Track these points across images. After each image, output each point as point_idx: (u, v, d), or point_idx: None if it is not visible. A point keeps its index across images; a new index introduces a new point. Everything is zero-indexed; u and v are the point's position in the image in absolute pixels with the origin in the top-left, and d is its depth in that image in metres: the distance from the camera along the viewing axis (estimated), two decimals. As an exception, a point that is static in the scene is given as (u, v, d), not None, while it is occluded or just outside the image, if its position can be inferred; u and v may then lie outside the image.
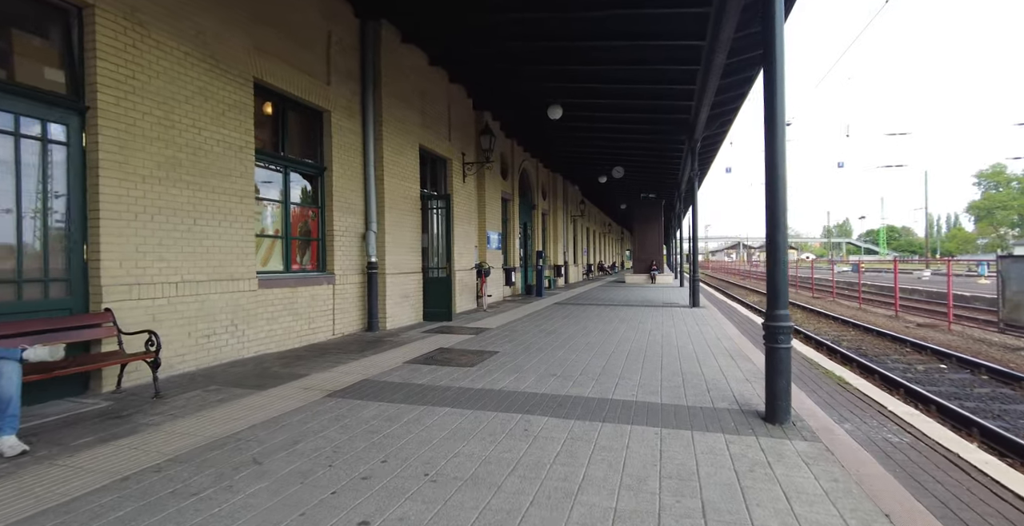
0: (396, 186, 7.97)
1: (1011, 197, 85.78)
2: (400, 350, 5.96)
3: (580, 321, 8.68)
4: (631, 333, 7.28)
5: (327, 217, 6.92)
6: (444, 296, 8.60)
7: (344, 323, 7.10)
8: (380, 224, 7.64)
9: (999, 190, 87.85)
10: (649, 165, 17.17)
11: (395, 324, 7.83)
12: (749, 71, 8.49)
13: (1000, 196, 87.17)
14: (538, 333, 7.31)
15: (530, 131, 14.00)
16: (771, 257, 3.32)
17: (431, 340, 6.70)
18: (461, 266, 10.39)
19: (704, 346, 6.23)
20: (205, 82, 4.97)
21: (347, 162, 7.19)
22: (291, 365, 5.13)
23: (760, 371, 4.82)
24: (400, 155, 8.11)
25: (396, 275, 7.88)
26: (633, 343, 6.43)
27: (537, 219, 17.85)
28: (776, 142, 3.28)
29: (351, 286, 7.23)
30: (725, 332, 7.48)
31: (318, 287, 6.60)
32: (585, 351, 5.90)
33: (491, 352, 5.82)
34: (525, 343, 6.45)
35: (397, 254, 7.94)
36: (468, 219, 10.88)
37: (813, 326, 12.02)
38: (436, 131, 9.50)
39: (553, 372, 4.81)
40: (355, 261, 7.34)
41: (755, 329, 7.93)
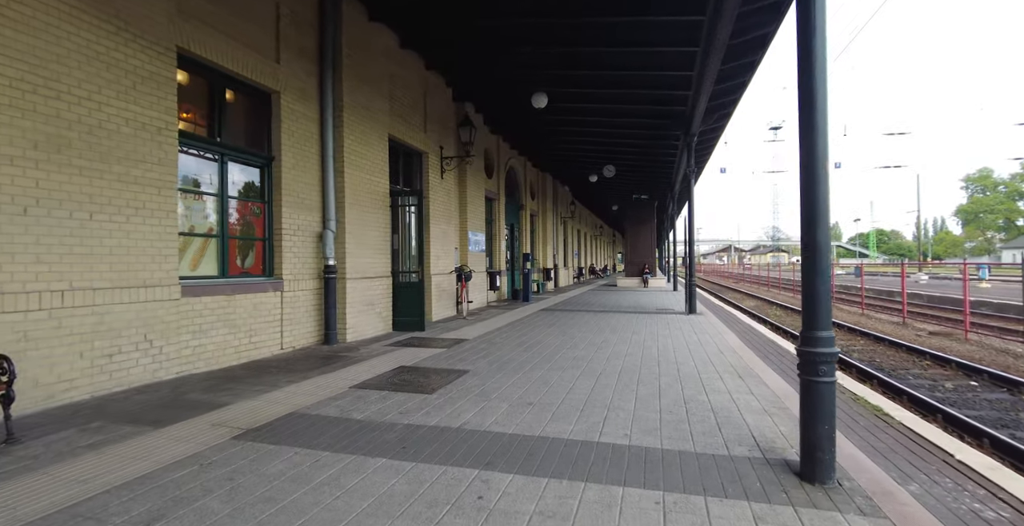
0: (359, 180, 7.10)
1: (998, 201, 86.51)
2: (353, 369, 5.09)
3: (567, 330, 7.85)
4: (623, 346, 6.46)
5: (275, 213, 6.04)
6: (416, 303, 7.73)
7: (295, 336, 6.21)
8: (340, 222, 6.77)
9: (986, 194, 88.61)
10: (642, 164, 16.42)
11: (358, 336, 6.95)
12: (752, 55, 7.73)
13: (987, 200, 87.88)
14: (519, 346, 6.47)
15: (517, 126, 13.18)
16: (809, 262, 2.50)
17: (394, 356, 5.83)
18: (438, 270, 9.53)
19: (706, 361, 5.42)
20: (107, 47, 4.08)
21: (301, 152, 6.32)
22: (215, 390, 4.24)
23: (776, 396, 4.01)
24: (365, 145, 7.25)
25: (359, 280, 7.00)
26: (626, 358, 5.60)
27: (525, 220, 17.04)
28: (814, 109, 2.47)
29: (304, 293, 6.34)
30: (727, 343, 6.68)
31: (262, 294, 5.71)
32: (571, 369, 5.07)
33: (460, 371, 4.97)
34: (502, 359, 5.60)
35: (360, 256, 7.06)
36: (447, 218, 10.03)
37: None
38: (409, 121, 8.65)
39: (529, 399, 3.96)
40: (309, 264, 6.45)
41: (759, 340, 7.15)
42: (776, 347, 6.56)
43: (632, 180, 19.76)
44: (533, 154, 16.77)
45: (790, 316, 15.36)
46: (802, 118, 2.49)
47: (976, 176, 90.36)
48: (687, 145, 10.38)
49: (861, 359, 8.34)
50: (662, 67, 8.22)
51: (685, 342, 6.75)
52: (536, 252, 18.88)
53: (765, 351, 6.24)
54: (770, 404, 3.83)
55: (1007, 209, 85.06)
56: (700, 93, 8.37)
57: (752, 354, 5.97)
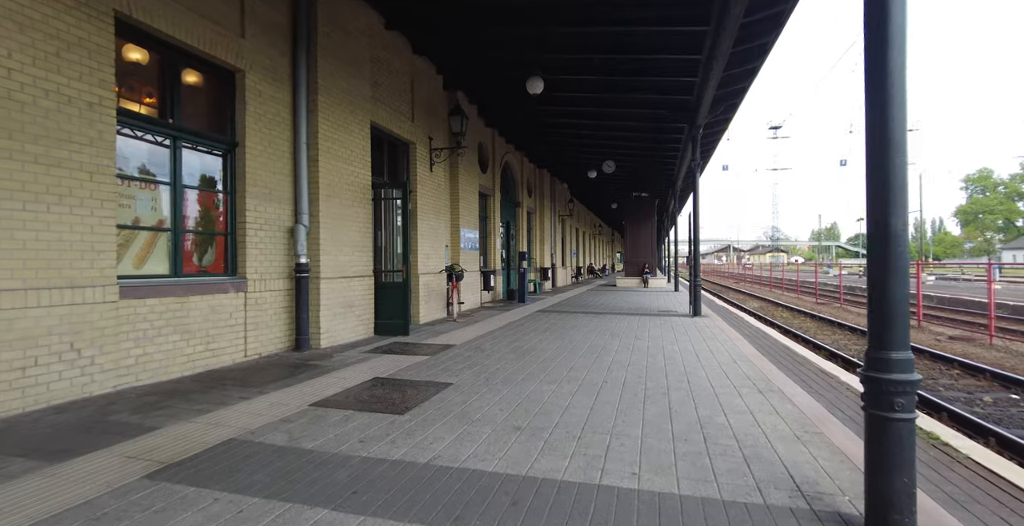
0: (337, 170, 6.48)
1: (997, 201, 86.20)
2: (320, 381, 4.48)
3: (564, 335, 7.24)
4: (625, 353, 5.85)
5: (239, 206, 5.42)
6: (400, 305, 7.12)
7: (262, 341, 5.59)
8: (314, 216, 6.15)
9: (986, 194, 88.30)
10: (643, 159, 15.83)
11: (333, 341, 6.33)
12: (765, 36, 7.13)
13: (986, 200, 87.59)
14: (511, 353, 5.86)
15: (513, 119, 12.58)
16: (880, 257, 1.90)
17: (370, 364, 5.22)
18: (427, 269, 8.92)
19: (719, 372, 4.82)
20: (20, 4, 3.46)
21: (269, 138, 5.70)
22: (151, 408, 3.63)
23: (806, 417, 3.41)
24: (343, 133, 6.63)
25: (335, 280, 6.39)
26: (629, 369, 4.99)
27: (521, 218, 16.43)
28: (888, 62, 1.86)
29: (273, 294, 5.73)
30: (739, 351, 6.08)
31: (222, 296, 5.09)
32: (567, 381, 4.46)
33: (441, 385, 4.36)
34: (491, 369, 5.00)
35: (337, 254, 6.45)
36: (437, 214, 9.42)
37: (831, 338, 10.68)
38: (394, 109, 8.03)
39: (518, 421, 3.35)
40: (279, 262, 5.84)
41: (772, 346, 6.56)
42: (793, 355, 5.97)
43: (632, 177, 19.18)
44: (530, 149, 16.16)
45: (797, 318, 14.78)
46: (872, 61, 1.88)
47: (976, 176, 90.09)
48: (692, 137, 9.79)
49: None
50: (669, 49, 7.62)
51: (693, 349, 6.15)
52: (533, 251, 18.27)
53: (781, 359, 5.65)
54: (801, 428, 3.23)
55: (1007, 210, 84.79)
56: (708, 79, 7.78)
57: (768, 363, 5.38)
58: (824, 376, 4.78)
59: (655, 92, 9.49)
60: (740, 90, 9.26)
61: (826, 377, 4.72)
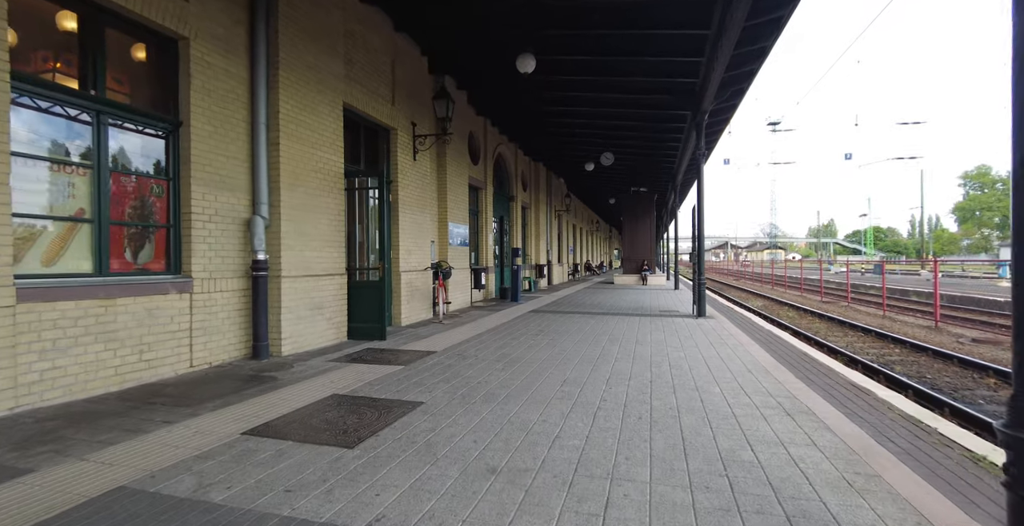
0: (302, 155, 5.78)
1: (996, 199, 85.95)
2: (266, 400, 3.79)
3: (558, 340, 6.57)
4: (626, 362, 5.19)
5: (183, 194, 4.72)
6: (375, 306, 6.43)
7: (212, 349, 4.90)
8: (274, 207, 5.45)
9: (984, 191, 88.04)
10: (643, 150, 15.15)
11: (297, 347, 5.64)
12: (780, 10, 6.45)
13: (985, 197, 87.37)
14: (496, 361, 5.19)
15: (506, 107, 11.87)
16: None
17: (333, 377, 4.53)
18: (410, 266, 8.23)
19: (735, 387, 4.16)
20: None
21: (221, 117, 4.99)
22: (41, 441, 2.94)
23: (852, 451, 2.76)
24: (310, 114, 5.92)
25: (301, 278, 5.70)
26: (631, 383, 4.32)
27: (516, 212, 15.74)
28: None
29: (225, 295, 5.03)
30: (753, 358, 5.42)
31: (161, 297, 4.40)
32: (558, 400, 3.79)
33: (409, 405, 3.68)
34: (471, 383, 4.32)
35: (302, 249, 5.75)
36: (421, 207, 8.72)
37: (844, 340, 10.03)
38: (371, 90, 7.31)
39: (495, 460, 2.68)
40: (233, 259, 5.14)
41: (789, 352, 5.90)
42: (813, 363, 5.32)
43: (631, 170, 18.51)
44: (525, 141, 15.46)
45: (805, 318, 14.15)
46: None
47: (974, 173, 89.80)
48: (696, 124, 9.10)
49: (908, 374, 7.10)
50: (673, 23, 6.92)
51: (702, 356, 5.49)
52: (528, 247, 17.59)
53: (802, 369, 4.99)
54: (851, 468, 2.57)
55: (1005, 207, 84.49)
56: (716, 58, 7.09)
57: (788, 374, 4.71)
58: (857, 392, 4.12)
59: (657, 75, 8.79)
60: (748, 73, 8.58)
61: (859, 393, 4.07)
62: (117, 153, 4.27)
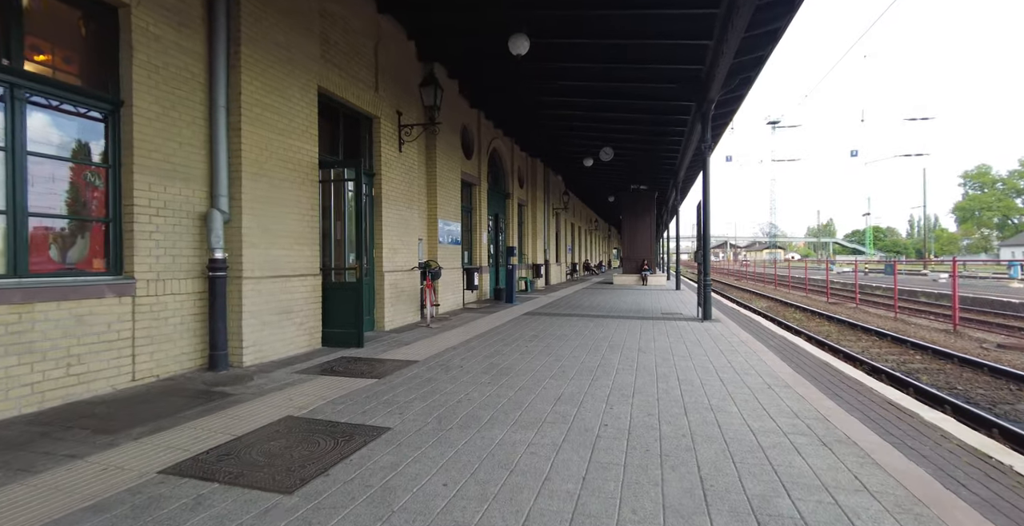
0: (269, 143, 5.20)
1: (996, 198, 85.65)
2: (206, 424, 3.22)
3: (553, 347, 6.00)
4: (628, 374, 4.62)
5: (125, 183, 4.14)
6: (352, 310, 5.86)
7: (160, 360, 4.32)
8: (235, 199, 4.87)
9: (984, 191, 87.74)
10: (642, 146, 14.59)
11: (263, 356, 5.07)
12: (798, -15, 5.89)
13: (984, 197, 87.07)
14: (484, 373, 4.62)
15: (500, 100, 11.30)
16: None
17: (293, 394, 3.96)
18: (395, 266, 7.65)
19: (755, 407, 3.59)
20: None
21: (172, 97, 4.41)
22: (-90, 481, 2.36)
23: (914, 498, 2.20)
24: (279, 97, 5.35)
25: (266, 280, 5.12)
26: (635, 401, 3.76)
27: (512, 210, 15.17)
28: None
29: (177, 298, 4.45)
30: (770, 369, 4.86)
31: (95, 301, 3.82)
32: (551, 426, 3.22)
33: (373, 431, 3.11)
34: (451, 401, 3.75)
35: (268, 247, 5.17)
36: (408, 202, 8.14)
37: (859, 346, 9.47)
38: (351, 75, 6.73)
39: (466, 513, 2.11)
40: (186, 257, 4.56)
41: (808, 362, 5.34)
42: (837, 375, 4.76)
43: (631, 167, 17.95)
44: (521, 135, 14.89)
45: (813, 320, 13.58)
46: None
47: (974, 173, 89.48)
48: (702, 114, 8.53)
49: (937, 385, 6.51)
50: (683, 3, 6.36)
51: (713, 366, 4.92)
52: (524, 246, 17.03)
53: (827, 383, 4.43)
54: (918, 522, 2.00)
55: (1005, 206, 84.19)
56: (724, 42, 6.53)
57: (813, 390, 4.15)
58: (898, 413, 3.56)
59: (660, 61, 8.22)
60: (757, 59, 8.02)
61: (901, 415, 3.51)
62: (39, 135, 3.68)
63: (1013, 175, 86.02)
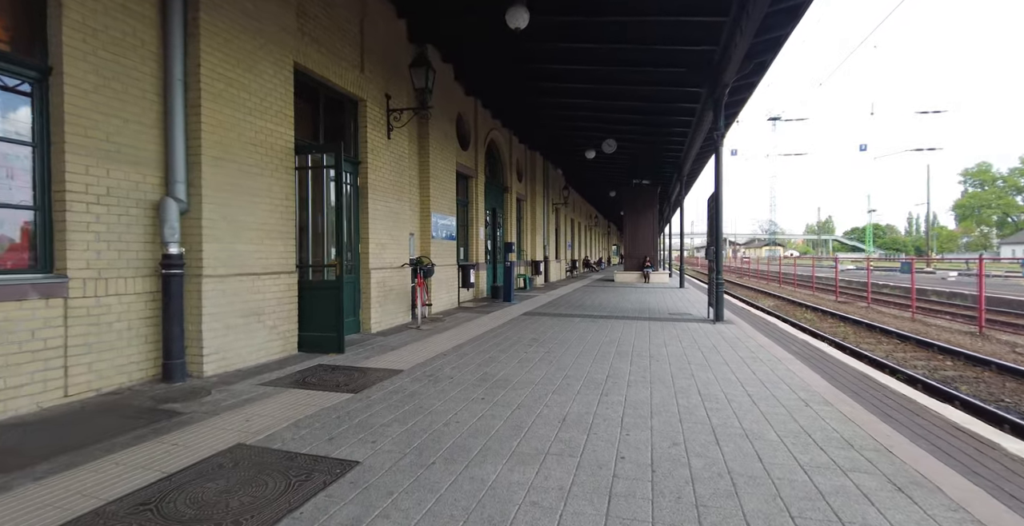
0: (235, 123, 4.59)
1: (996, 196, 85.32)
2: (134, 456, 2.63)
3: (555, 352, 5.42)
4: (643, 388, 4.04)
5: (55, 165, 3.53)
6: (333, 312, 5.26)
7: (101, 371, 3.73)
8: (194, 186, 4.27)
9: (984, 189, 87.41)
10: (646, 138, 13.99)
11: (227, 365, 4.47)
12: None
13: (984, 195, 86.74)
14: (475, 387, 4.04)
15: (499, 87, 10.67)
16: None
17: (251, 413, 3.37)
18: (383, 262, 7.05)
19: (798, 434, 3.02)
20: None
21: (115, 66, 3.80)
22: None
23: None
24: (247, 72, 4.73)
25: (231, 278, 4.52)
26: (656, 426, 3.18)
27: (510, 205, 14.56)
28: None
29: (124, 300, 3.86)
30: (801, 381, 4.29)
31: (12, 305, 3.22)
32: (554, 461, 2.64)
33: (338, 467, 2.52)
34: (436, 424, 3.17)
35: (234, 241, 4.57)
36: (398, 194, 7.53)
37: (882, 349, 8.89)
38: (333, 52, 6.11)
39: (443, 601, 1.52)
40: (134, 253, 3.96)
41: (842, 372, 4.77)
42: (880, 389, 4.19)
43: (633, 161, 17.35)
44: (520, 127, 14.27)
45: (825, 320, 13.01)
46: None
47: (974, 170, 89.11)
48: (715, 100, 7.94)
49: (978, 395, 5.94)
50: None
51: (736, 378, 4.35)
52: (523, 242, 16.44)
53: (872, 399, 3.86)
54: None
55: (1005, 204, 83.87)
56: (743, 18, 5.93)
57: (859, 408, 3.58)
58: (976, 443, 2.99)
59: (669, 42, 7.61)
60: (775, 41, 7.39)
61: (980, 445, 2.93)
62: (-57, 105, 3.08)
63: (1014, 173, 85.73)
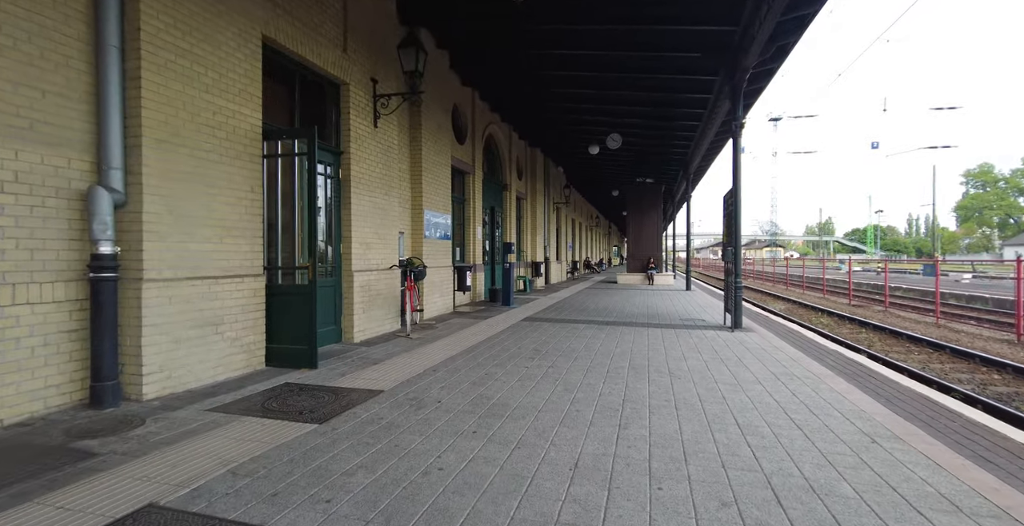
0: (188, 101, 3.91)
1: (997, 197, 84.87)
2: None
3: (560, 367, 4.74)
4: (668, 417, 3.36)
5: (-57, 144, 2.85)
6: (305, 321, 4.58)
7: (5, 398, 3.04)
8: (134, 174, 3.59)
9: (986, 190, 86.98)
10: (652, 132, 13.32)
11: (177, 384, 3.79)
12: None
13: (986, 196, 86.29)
14: (465, 416, 3.36)
15: (497, 78, 10.00)
16: None
17: (187, 453, 2.69)
18: (367, 264, 6.37)
19: (883, 489, 2.35)
20: None
21: (25, 24, 3.12)
22: None
23: None
24: (204, 42, 4.05)
25: (180, 283, 3.84)
26: (693, 473, 2.50)
27: (510, 203, 13.88)
28: None
29: (36, 310, 3.17)
30: (855, 407, 3.61)
31: None
32: (566, 526, 1.96)
33: (269, 544, 1.84)
34: (411, 476, 2.49)
35: (184, 239, 3.89)
36: (386, 188, 6.85)
37: (915, 359, 8.14)
38: (311, 28, 5.44)
39: None
40: (54, 252, 3.28)
41: (892, 391, 4.10)
42: (957, 418, 3.53)
43: (638, 158, 16.69)
44: (520, 122, 13.60)
45: (843, 325, 12.30)
46: None
47: (976, 171, 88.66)
48: (732, 87, 7.27)
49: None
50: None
51: (776, 402, 3.67)
52: (523, 243, 15.76)
53: (951, 432, 3.20)
54: None
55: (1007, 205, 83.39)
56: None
57: (944, 448, 2.91)
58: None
59: (683, 21, 6.93)
60: (800, 21, 6.72)
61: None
62: None
63: (1015, 174, 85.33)
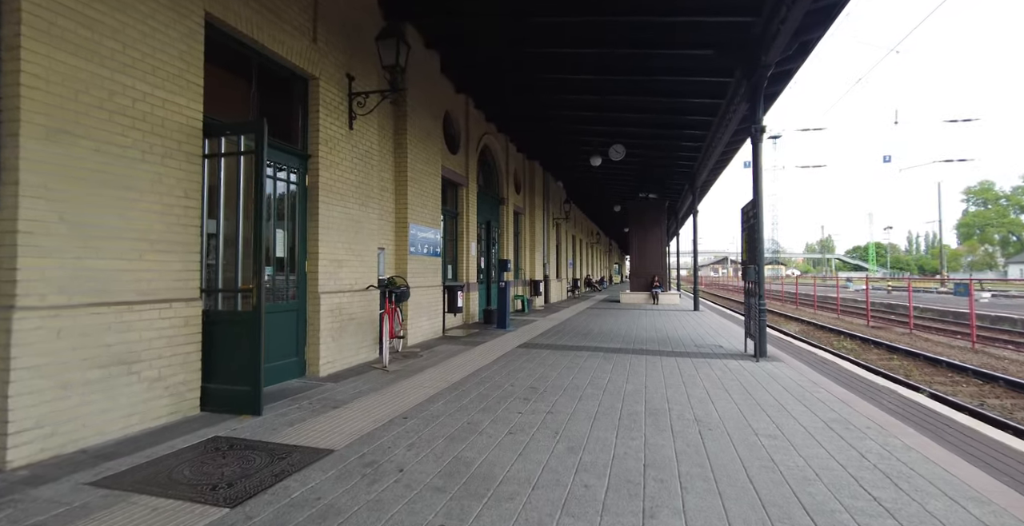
0: (93, 82, 3.12)
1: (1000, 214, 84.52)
2: None
3: (560, 415, 3.86)
4: (707, 496, 2.48)
5: None
6: (247, 356, 3.72)
7: None
8: (8, 170, 2.77)
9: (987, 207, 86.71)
10: (657, 142, 12.62)
11: (67, 442, 2.91)
12: None
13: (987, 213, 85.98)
14: (433, 498, 2.48)
15: (493, 84, 9.32)
16: None
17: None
18: (338, 284, 5.53)
19: None
20: None
21: None
22: None
23: None
24: (115, 10, 3.28)
25: (79, 310, 2.99)
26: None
27: (507, 218, 13.11)
28: None
29: None
30: (952, 478, 2.74)
31: None
32: None
33: None
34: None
35: (85, 255, 3.05)
36: (362, 198, 6.05)
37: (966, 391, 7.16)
38: (270, 8, 4.69)
39: None
40: None
41: (989, 450, 3.23)
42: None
43: (641, 171, 16.01)
44: (518, 132, 12.93)
45: (869, 351, 11.38)
46: None
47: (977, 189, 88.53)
48: (751, 87, 6.54)
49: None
50: None
51: (845, 470, 2.79)
52: (521, 260, 14.94)
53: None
54: None
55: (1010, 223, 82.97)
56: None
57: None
58: None
59: (695, 12, 6.23)
60: (827, 11, 6.01)
61: None
62: None
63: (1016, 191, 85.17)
